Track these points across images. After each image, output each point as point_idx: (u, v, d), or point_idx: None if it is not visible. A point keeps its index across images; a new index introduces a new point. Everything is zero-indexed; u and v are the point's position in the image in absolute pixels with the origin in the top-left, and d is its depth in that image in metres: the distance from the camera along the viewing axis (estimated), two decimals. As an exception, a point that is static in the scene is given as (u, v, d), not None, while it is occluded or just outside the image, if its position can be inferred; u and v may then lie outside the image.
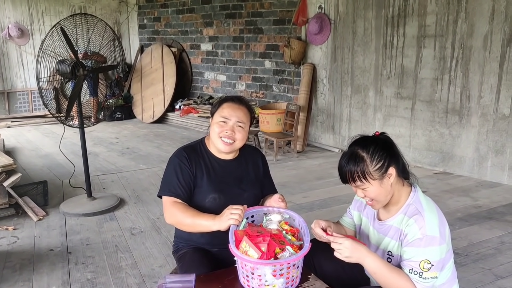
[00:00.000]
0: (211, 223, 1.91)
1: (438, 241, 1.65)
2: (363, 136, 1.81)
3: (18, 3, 8.16)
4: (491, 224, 3.64)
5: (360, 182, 1.73)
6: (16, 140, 6.64)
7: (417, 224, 1.68)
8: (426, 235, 1.65)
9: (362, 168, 1.71)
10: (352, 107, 5.78)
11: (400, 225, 1.76)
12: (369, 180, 1.72)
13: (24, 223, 3.71)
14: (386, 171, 1.73)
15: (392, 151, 1.77)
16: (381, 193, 1.75)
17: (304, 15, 5.97)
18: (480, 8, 4.46)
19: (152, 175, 5.00)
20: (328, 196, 4.28)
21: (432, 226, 1.67)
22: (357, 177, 1.72)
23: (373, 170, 1.71)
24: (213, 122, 2.11)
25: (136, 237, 3.47)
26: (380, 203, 1.79)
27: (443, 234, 1.68)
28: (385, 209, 1.86)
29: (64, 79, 4.01)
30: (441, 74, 4.84)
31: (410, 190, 1.81)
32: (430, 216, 1.70)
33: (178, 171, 2.06)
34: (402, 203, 1.79)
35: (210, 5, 7.59)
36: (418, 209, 1.73)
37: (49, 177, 4.77)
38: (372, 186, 1.74)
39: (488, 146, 4.62)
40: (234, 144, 2.07)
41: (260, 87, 7.06)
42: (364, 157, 1.72)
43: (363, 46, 5.51)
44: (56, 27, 3.65)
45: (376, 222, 1.88)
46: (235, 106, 2.09)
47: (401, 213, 1.78)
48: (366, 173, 1.71)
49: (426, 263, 1.64)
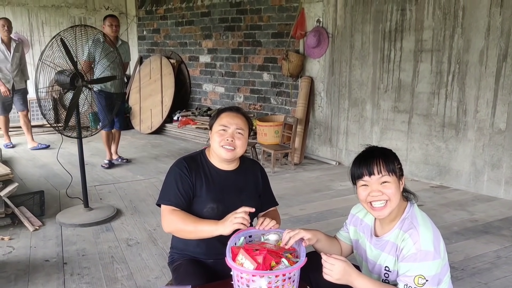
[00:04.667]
0: (214, 228, 1.92)
1: (432, 256, 1.66)
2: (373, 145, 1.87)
3: (19, 13, 8.21)
4: (487, 238, 3.64)
5: (386, 173, 1.73)
6: (13, 150, 6.64)
7: (412, 239, 1.69)
8: (421, 249, 1.66)
9: (392, 161, 1.76)
10: (349, 120, 5.81)
11: (396, 240, 1.77)
12: (393, 175, 1.74)
13: (20, 233, 3.70)
14: (402, 176, 1.80)
15: None
16: (396, 194, 1.74)
17: (302, 29, 6.02)
18: (476, 24, 4.51)
19: (149, 186, 4.99)
20: (325, 208, 4.29)
21: (426, 241, 1.68)
22: (384, 167, 1.73)
23: (397, 168, 1.77)
24: (212, 133, 2.14)
25: (132, 248, 3.46)
26: (391, 207, 1.75)
27: (438, 249, 1.69)
28: (382, 225, 1.87)
29: (63, 90, 4.03)
30: (437, 88, 4.88)
31: (406, 205, 1.83)
32: (424, 231, 1.71)
33: (178, 180, 2.07)
34: (398, 218, 1.80)
35: (209, 18, 7.66)
36: (413, 224, 1.74)
37: (46, 187, 4.77)
38: (393, 184, 1.74)
39: (485, 160, 4.64)
40: (235, 151, 2.10)
41: (258, 99, 7.09)
42: (393, 154, 1.79)
43: (361, 59, 5.55)
44: (56, 38, 3.68)
45: (373, 238, 1.89)
46: (233, 114, 2.14)
47: (396, 228, 1.79)
48: (393, 167, 1.75)
49: (421, 278, 1.64)
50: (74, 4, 8.65)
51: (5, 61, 6.27)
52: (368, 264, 1.92)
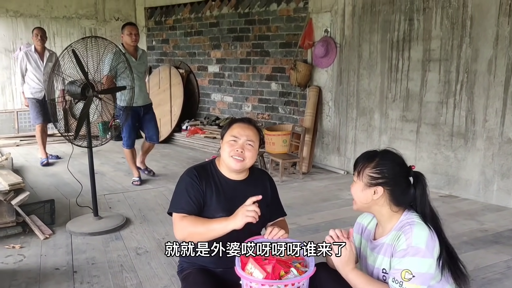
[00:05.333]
0: (225, 224, 1.94)
1: (422, 253, 1.68)
2: (396, 153, 1.91)
3: (31, 24, 8.32)
4: (497, 249, 3.62)
5: (355, 172, 1.90)
6: (24, 159, 6.71)
7: (404, 235, 1.74)
8: (411, 245, 1.70)
9: (364, 165, 1.87)
10: (357, 129, 5.82)
11: (391, 241, 1.80)
12: (360, 177, 1.86)
13: (30, 242, 3.74)
14: (374, 185, 1.83)
15: (398, 181, 1.82)
16: (360, 197, 1.87)
17: (310, 39, 6.06)
18: (484, 33, 4.52)
19: (158, 195, 5.02)
20: (333, 218, 4.28)
21: (419, 238, 1.71)
22: (355, 167, 1.90)
23: (367, 174, 1.84)
24: (223, 142, 2.18)
25: (141, 257, 3.48)
26: (356, 205, 1.92)
27: (431, 249, 1.70)
28: (380, 229, 1.91)
29: (74, 100, 4.08)
30: (446, 97, 4.88)
31: (402, 211, 1.85)
32: (419, 229, 1.73)
33: (188, 188, 2.10)
34: (395, 222, 1.83)
35: (217, 28, 7.73)
36: (409, 223, 1.78)
37: (56, 196, 4.81)
38: (357, 185, 1.88)
39: (494, 169, 4.62)
40: (244, 162, 2.13)
41: (266, 108, 7.12)
42: (373, 160, 1.86)
43: (369, 69, 5.57)
44: (67, 49, 3.74)
45: (372, 243, 1.92)
46: (244, 126, 2.18)
47: (393, 230, 1.82)
48: (362, 171, 1.86)
49: (407, 273, 1.68)
50: (85, 15, 8.78)
51: (38, 70, 6.23)
52: (368, 268, 1.94)
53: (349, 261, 1.77)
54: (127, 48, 5.20)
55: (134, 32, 5.22)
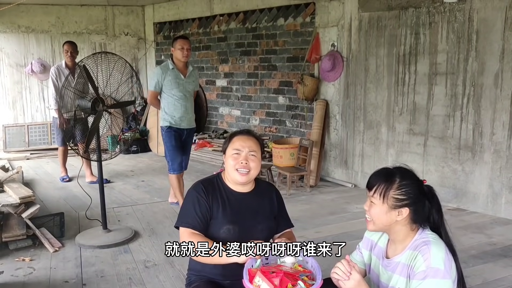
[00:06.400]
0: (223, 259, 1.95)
1: (442, 274, 1.67)
2: (410, 170, 1.87)
3: (42, 40, 8.50)
4: (506, 262, 3.60)
5: (375, 195, 1.80)
6: (34, 172, 6.79)
7: (422, 256, 1.72)
8: (431, 266, 1.68)
9: (386, 186, 1.79)
10: (364, 143, 5.83)
11: (407, 260, 1.79)
12: (382, 200, 1.78)
13: (40, 254, 3.78)
14: (400, 207, 1.78)
15: (420, 199, 1.81)
16: (382, 219, 1.81)
17: (317, 53, 6.11)
18: (490, 47, 4.54)
19: (166, 208, 5.05)
20: (341, 231, 4.28)
21: (437, 258, 1.70)
22: (376, 189, 1.81)
23: (391, 196, 1.78)
24: (226, 157, 2.22)
25: (150, 270, 3.50)
26: (375, 226, 1.85)
27: (449, 269, 1.70)
28: (392, 247, 1.89)
29: (84, 114, 4.15)
30: (453, 111, 4.89)
31: (417, 230, 1.84)
32: (436, 249, 1.72)
33: (195, 203, 2.14)
34: (410, 240, 1.82)
35: (225, 43, 7.81)
36: (425, 242, 1.76)
37: (66, 209, 4.86)
38: (379, 207, 1.80)
39: (502, 182, 4.60)
40: (250, 173, 2.17)
41: (274, 122, 7.17)
42: (395, 180, 1.80)
43: (375, 83, 5.60)
44: (79, 65, 3.81)
45: (385, 261, 1.91)
46: (244, 137, 2.23)
47: (408, 249, 1.81)
48: (385, 193, 1.79)
49: None
50: (95, 31, 8.92)
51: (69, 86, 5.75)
52: (380, 286, 1.93)
53: (358, 286, 1.72)
54: (177, 63, 4.76)
55: (187, 47, 4.75)
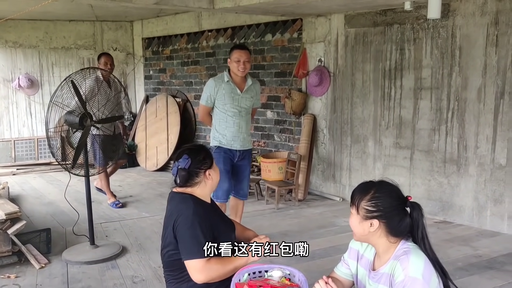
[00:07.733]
0: (246, 259, 2.08)
1: (421, 284, 1.69)
2: (394, 185, 1.92)
3: (30, 55, 8.48)
4: (491, 274, 3.64)
5: (352, 204, 1.91)
6: (21, 188, 6.72)
7: (401, 265, 1.75)
8: (409, 275, 1.71)
9: (360, 197, 1.88)
10: (352, 157, 5.88)
11: (389, 270, 1.82)
12: (356, 210, 1.88)
13: (26, 271, 3.73)
14: (370, 218, 1.84)
15: (395, 213, 1.84)
16: (357, 229, 1.90)
17: (304, 68, 6.19)
18: (473, 63, 4.65)
19: (154, 223, 5.03)
20: (329, 245, 4.30)
21: (416, 268, 1.72)
22: (352, 199, 1.92)
23: (362, 207, 1.86)
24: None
25: (137, 286, 3.48)
26: (356, 236, 1.94)
27: (428, 278, 1.72)
28: (378, 259, 1.92)
29: (72, 129, 4.15)
30: (438, 124, 4.97)
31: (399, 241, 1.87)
32: (415, 259, 1.75)
33: (203, 229, 2.12)
34: (392, 251, 1.85)
35: (214, 58, 7.87)
36: (405, 251, 1.80)
37: (52, 225, 4.81)
38: (354, 217, 1.90)
39: (487, 195, 4.67)
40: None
41: (262, 136, 7.20)
42: (369, 192, 1.87)
43: (362, 97, 5.68)
44: (66, 81, 3.82)
45: (371, 273, 1.93)
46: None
47: (391, 259, 1.84)
48: (358, 203, 1.88)
49: None
50: (83, 46, 8.92)
51: None
52: None
53: None
54: (233, 76, 4.20)
55: (244, 59, 4.09)
